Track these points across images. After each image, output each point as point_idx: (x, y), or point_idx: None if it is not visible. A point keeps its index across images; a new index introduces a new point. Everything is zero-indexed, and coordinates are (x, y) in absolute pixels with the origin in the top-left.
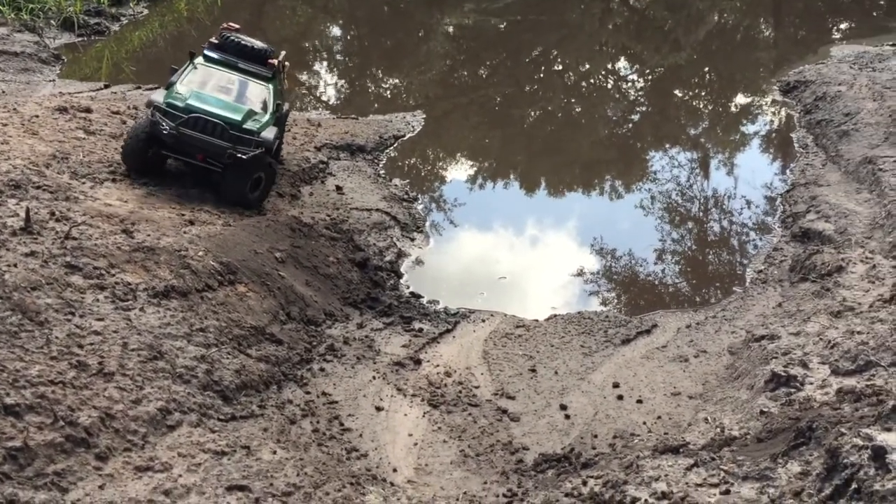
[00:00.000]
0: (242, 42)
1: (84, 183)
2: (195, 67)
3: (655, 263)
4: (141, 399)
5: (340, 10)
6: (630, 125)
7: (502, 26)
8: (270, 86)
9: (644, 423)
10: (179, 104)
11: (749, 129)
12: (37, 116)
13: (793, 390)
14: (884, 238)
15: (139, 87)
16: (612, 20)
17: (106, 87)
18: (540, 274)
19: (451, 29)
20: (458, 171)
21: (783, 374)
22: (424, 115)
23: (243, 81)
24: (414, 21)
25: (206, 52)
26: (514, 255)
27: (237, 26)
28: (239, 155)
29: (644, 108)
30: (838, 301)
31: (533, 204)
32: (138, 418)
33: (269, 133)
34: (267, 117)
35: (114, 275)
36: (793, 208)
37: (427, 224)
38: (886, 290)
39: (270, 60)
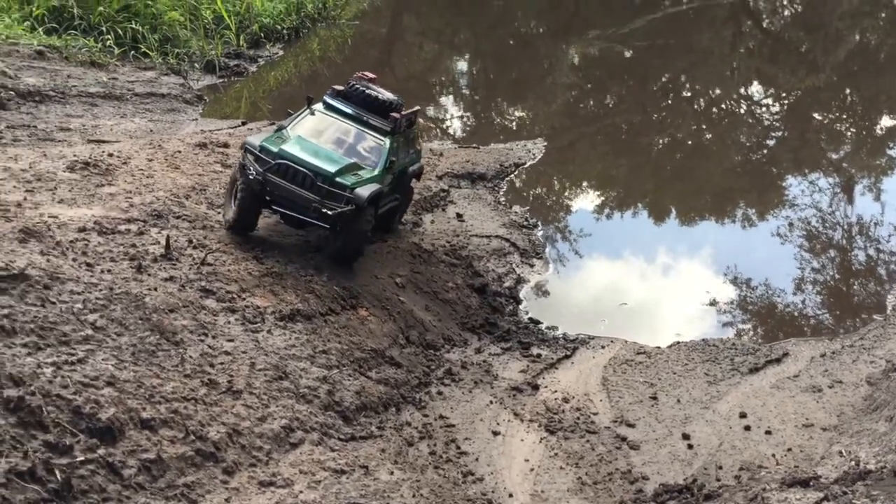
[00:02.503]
0: (367, 92)
1: (219, 212)
2: (311, 114)
3: (787, 290)
4: (266, 417)
5: (466, 45)
6: (765, 151)
7: (629, 54)
8: (387, 140)
9: (773, 455)
10: (272, 149)
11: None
12: (179, 152)
13: None
14: None
15: (273, 124)
16: (744, 44)
17: (243, 124)
18: (663, 301)
19: (576, 59)
20: (579, 198)
21: None
22: (545, 143)
23: (359, 133)
24: (539, 53)
25: (326, 98)
26: (635, 282)
27: (371, 76)
28: (324, 210)
29: (780, 133)
30: None
31: (657, 231)
32: (263, 435)
33: (365, 191)
34: (373, 174)
35: (244, 298)
36: None
37: (547, 250)
38: None
39: (393, 114)
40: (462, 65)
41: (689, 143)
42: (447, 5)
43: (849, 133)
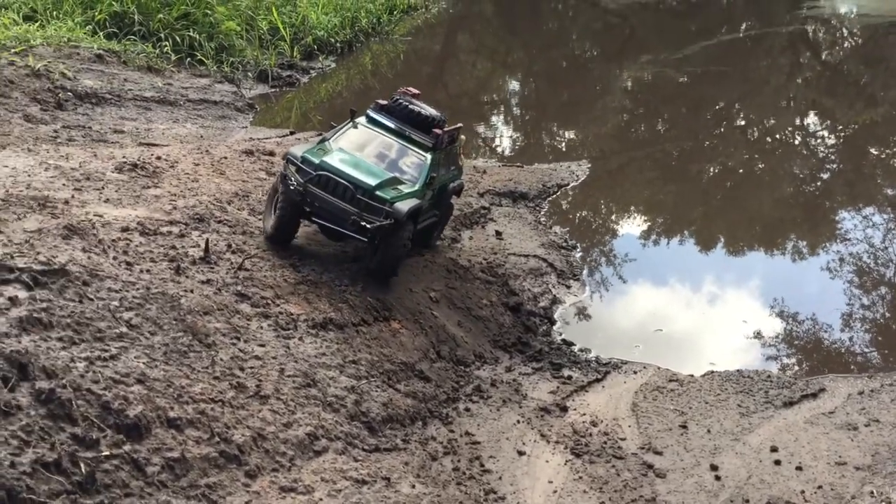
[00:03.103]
0: (411, 107)
1: (260, 219)
2: (354, 127)
3: (829, 325)
4: (292, 423)
5: (519, 65)
6: (818, 183)
7: (683, 80)
8: (428, 156)
9: (802, 491)
10: (314, 160)
11: None
12: (225, 158)
13: None
14: None
15: (321, 134)
16: (801, 74)
17: (291, 133)
18: (700, 329)
19: (629, 83)
20: (621, 222)
21: None
22: (590, 165)
23: (400, 148)
24: (592, 76)
25: (369, 112)
26: (673, 309)
27: (416, 91)
28: (362, 223)
29: (834, 167)
30: None
31: (699, 259)
32: (288, 441)
33: (405, 205)
34: (414, 189)
35: (278, 305)
36: None
37: (584, 272)
38: None
39: (436, 130)
40: (514, 84)
41: (741, 171)
42: (501, 25)
43: None
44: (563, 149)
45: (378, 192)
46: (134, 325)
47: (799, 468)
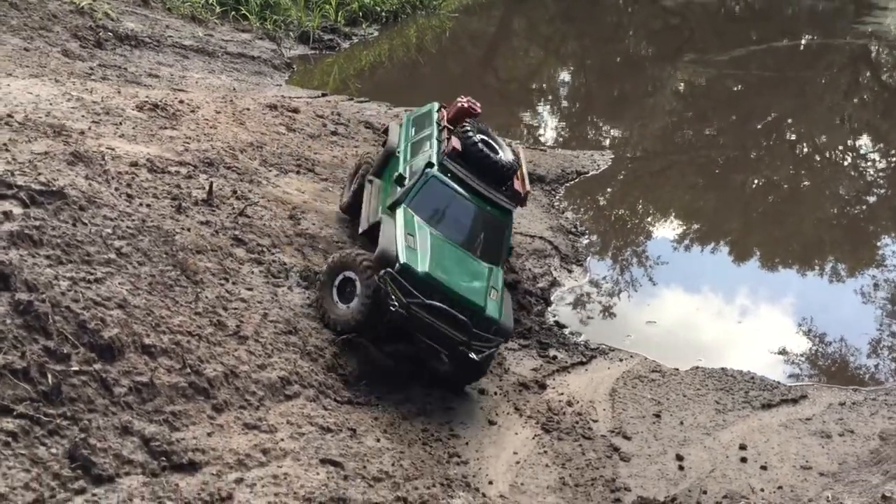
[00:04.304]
0: (488, 156)
1: (270, 171)
2: (426, 179)
3: (825, 338)
4: (266, 365)
5: (573, 57)
6: (863, 206)
7: (736, 88)
8: (509, 221)
9: (762, 489)
10: (417, 271)
11: None
12: (248, 109)
13: None
14: None
15: (351, 99)
16: (858, 93)
17: (323, 95)
18: (695, 326)
19: (681, 86)
20: (635, 215)
21: None
22: (612, 156)
23: (480, 214)
24: (645, 74)
25: (444, 161)
26: (670, 304)
27: (478, 108)
28: (471, 355)
29: (882, 191)
30: None
31: (712, 263)
32: (260, 382)
33: (509, 319)
34: (500, 279)
35: (273, 254)
36: None
37: (588, 259)
38: None
39: (517, 187)
40: (564, 75)
41: (785, 187)
42: (558, 14)
43: None
44: (602, 142)
45: (487, 312)
46: (124, 253)
47: (764, 467)
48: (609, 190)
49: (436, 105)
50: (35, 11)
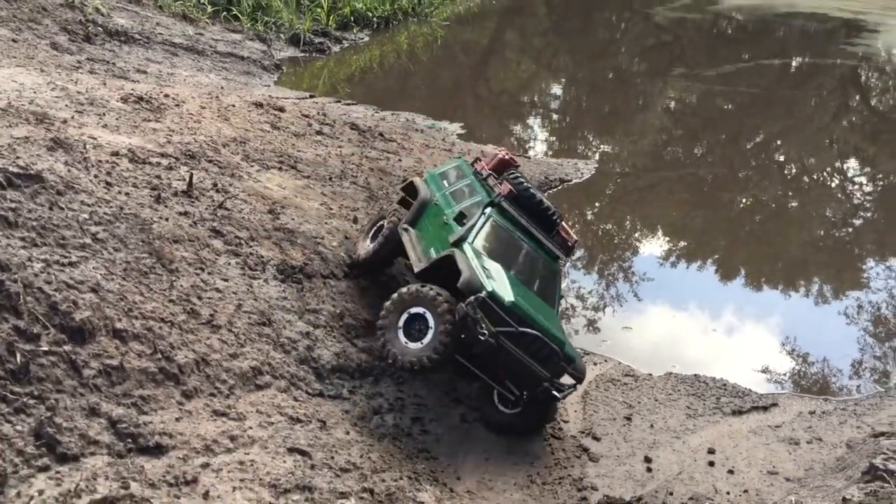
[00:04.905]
0: (542, 202)
1: (252, 166)
2: (488, 216)
3: (801, 349)
4: (238, 355)
5: (564, 70)
6: (849, 229)
7: (726, 106)
8: (559, 269)
9: (728, 492)
10: (504, 300)
11: None
12: (233, 106)
13: (886, 485)
14: None
15: (339, 101)
16: (847, 116)
17: (311, 97)
18: (669, 333)
19: (671, 103)
20: (616, 223)
21: (881, 467)
22: (596, 165)
23: (535, 258)
24: (636, 90)
25: (501, 202)
26: (646, 311)
27: (517, 161)
28: (554, 392)
29: (868, 214)
30: None
31: (692, 276)
32: (231, 370)
33: (582, 362)
34: (557, 319)
35: (251, 246)
36: None
37: (566, 264)
38: None
39: (565, 234)
40: (555, 89)
41: (772, 206)
42: (551, 28)
43: None
44: (588, 153)
45: (567, 350)
46: (100, 238)
47: (731, 472)
48: (591, 198)
49: (464, 159)
50: (25, 3)
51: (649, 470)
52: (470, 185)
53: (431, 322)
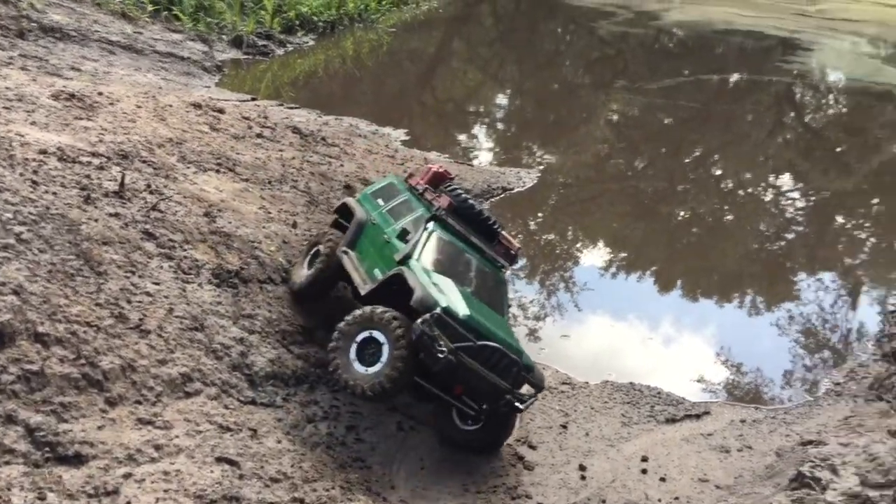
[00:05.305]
0: (481, 212)
1: (189, 168)
2: (430, 231)
3: (730, 358)
4: (168, 361)
5: (511, 81)
6: (782, 243)
7: (667, 120)
8: (504, 278)
9: (659, 500)
10: (459, 314)
11: (881, 251)
12: (170, 106)
13: (812, 492)
14: None
15: (281, 105)
16: (782, 133)
17: (253, 100)
18: (607, 342)
19: (614, 116)
20: (556, 231)
21: (808, 474)
22: (538, 174)
23: (481, 269)
24: (580, 102)
25: (442, 215)
26: (584, 320)
27: (451, 174)
28: (517, 403)
29: (801, 229)
30: None
31: (629, 286)
32: (159, 377)
33: (538, 369)
34: (508, 325)
35: (185, 250)
36: (891, 329)
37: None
38: None
39: (507, 243)
40: (501, 98)
41: (709, 220)
42: (498, 38)
43: (868, 242)
44: (531, 163)
45: (524, 360)
46: (24, 239)
47: (663, 479)
48: (533, 207)
49: (395, 175)
50: None
51: (583, 478)
52: (407, 201)
53: (385, 345)
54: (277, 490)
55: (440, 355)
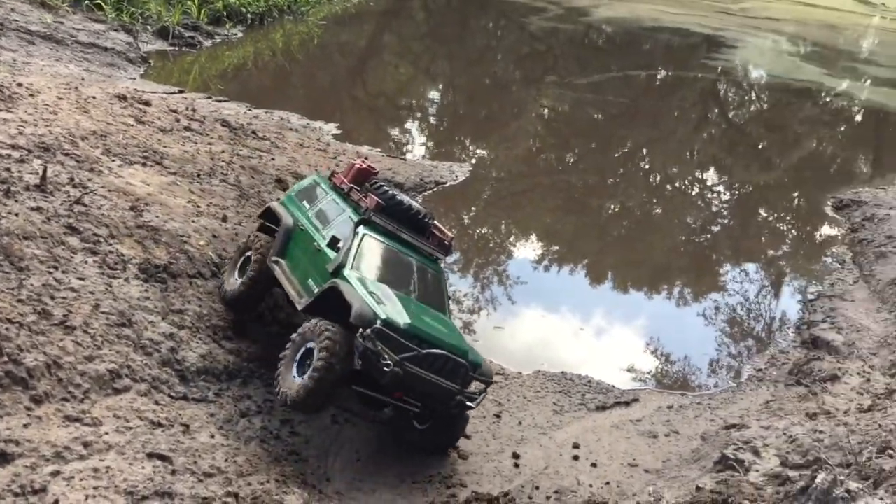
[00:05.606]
0: (410, 207)
1: (114, 161)
2: (361, 236)
3: (658, 346)
4: (95, 357)
5: (442, 75)
6: (708, 236)
7: (596, 116)
8: (441, 270)
9: (591, 485)
10: (400, 324)
11: (801, 242)
12: (94, 98)
13: (736, 473)
14: (888, 356)
15: (210, 97)
16: (707, 129)
17: (180, 92)
18: (539, 333)
19: (545, 112)
20: (487, 224)
21: (731, 457)
22: (470, 168)
23: (420, 267)
24: (510, 97)
25: (371, 217)
26: (517, 311)
27: (376, 168)
28: (468, 403)
29: (725, 221)
30: (818, 405)
31: (560, 277)
32: (86, 374)
33: (486, 363)
34: (451, 320)
35: (111, 244)
36: (810, 316)
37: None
38: (867, 401)
39: (440, 234)
40: (433, 93)
41: (638, 213)
42: (429, 33)
43: (790, 234)
44: (463, 157)
45: (471, 357)
46: None
47: (594, 465)
48: (466, 201)
49: (317, 176)
50: None
51: (517, 466)
52: (333, 202)
53: (315, 356)
54: (211, 485)
55: (386, 369)
